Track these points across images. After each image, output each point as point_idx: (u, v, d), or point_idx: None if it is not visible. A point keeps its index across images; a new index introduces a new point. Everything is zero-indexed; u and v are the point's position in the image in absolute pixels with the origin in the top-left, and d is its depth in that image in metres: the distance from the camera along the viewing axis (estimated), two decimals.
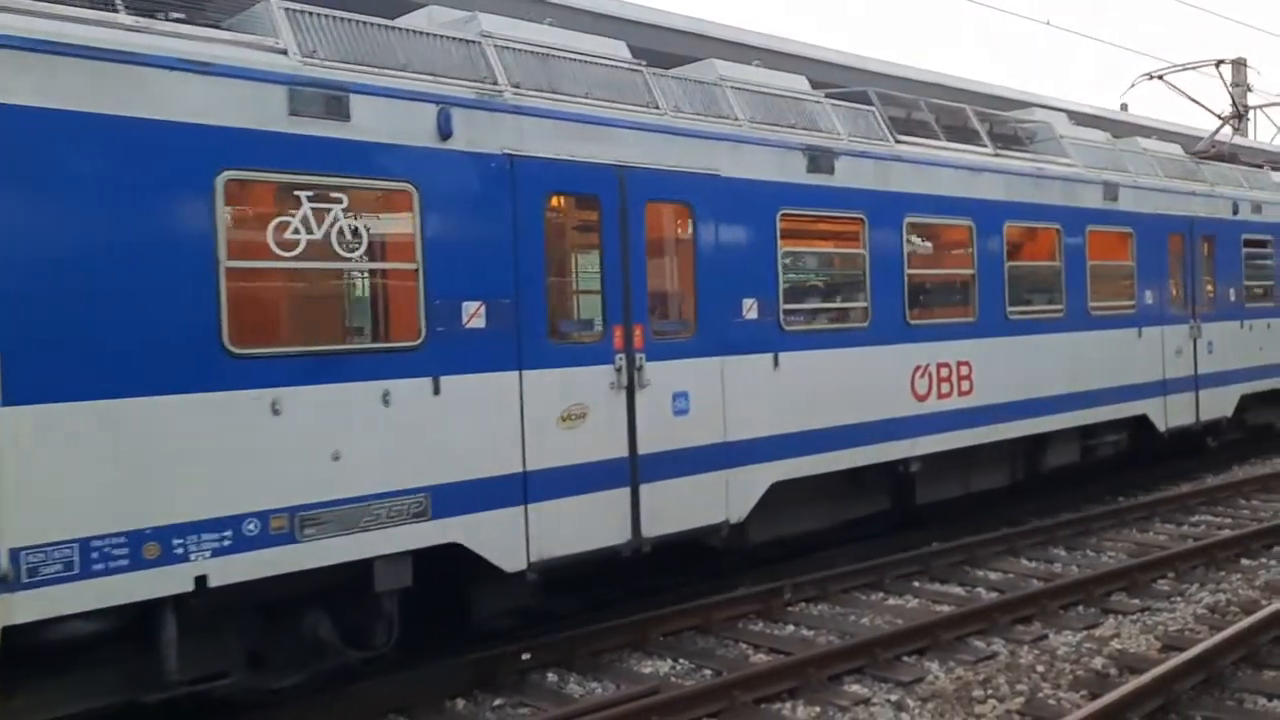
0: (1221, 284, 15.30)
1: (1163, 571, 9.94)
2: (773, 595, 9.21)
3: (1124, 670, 7.36)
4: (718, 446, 8.76)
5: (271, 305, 6.91)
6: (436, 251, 7.05)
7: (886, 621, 8.78)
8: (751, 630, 8.74)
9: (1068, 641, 8.14)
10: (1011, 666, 7.59)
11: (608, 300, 8.06)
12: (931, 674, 7.54)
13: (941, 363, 10.81)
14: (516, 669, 7.68)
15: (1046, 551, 11.16)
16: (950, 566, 10.41)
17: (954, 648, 8.06)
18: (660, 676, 7.75)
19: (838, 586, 9.65)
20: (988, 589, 9.77)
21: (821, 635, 8.56)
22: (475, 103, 7.32)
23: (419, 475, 6.93)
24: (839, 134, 10.01)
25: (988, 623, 8.50)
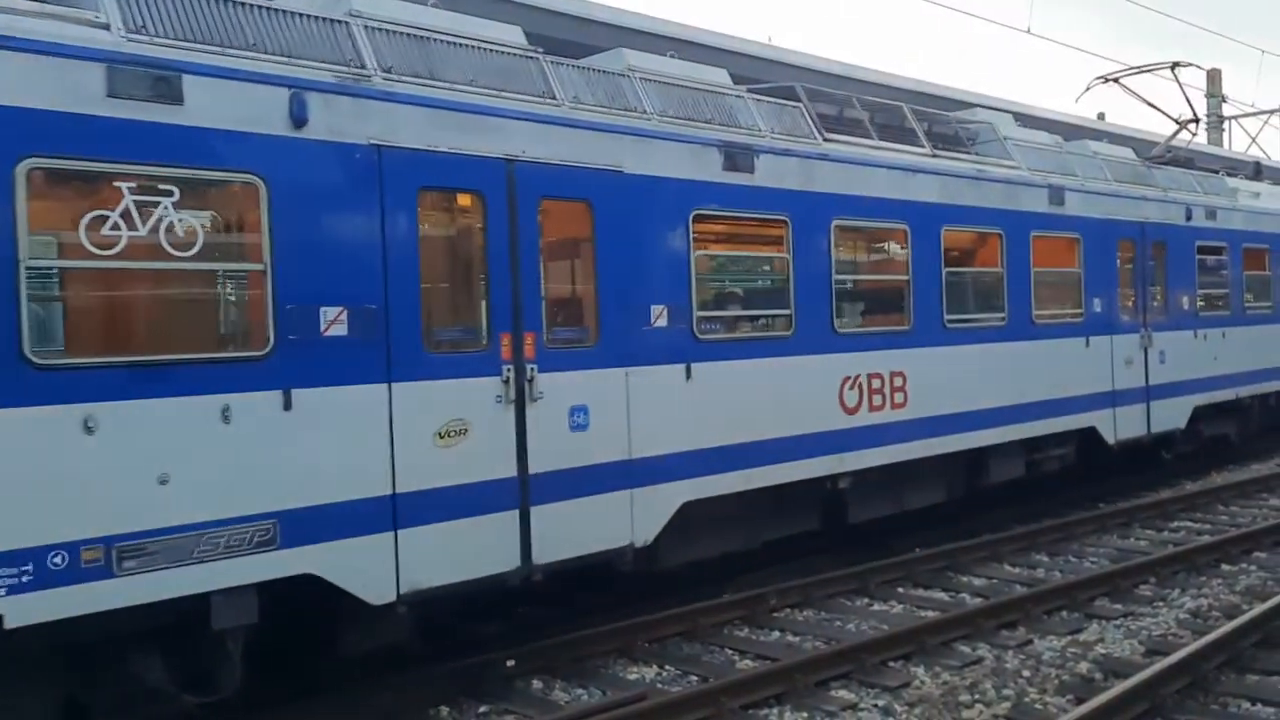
0: (1174, 292, 14.81)
1: (1144, 577, 9.99)
2: (758, 601, 9.18)
3: (1109, 675, 7.39)
4: (621, 464, 8.10)
5: (85, 311, 6.20)
6: (289, 251, 6.36)
7: (872, 627, 8.78)
8: (737, 636, 8.71)
9: (1052, 646, 8.13)
10: (997, 671, 7.60)
11: (494, 306, 7.38)
12: (918, 679, 7.52)
13: (873, 373, 10.21)
14: (502, 676, 7.61)
15: (1029, 557, 11.18)
16: (934, 572, 10.45)
17: (940, 653, 8.05)
18: (647, 683, 7.70)
19: (822, 592, 9.63)
20: (972, 594, 9.81)
21: (807, 641, 8.55)
22: (337, 88, 6.64)
23: (265, 500, 6.23)
24: (760, 130, 9.40)
25: (973, 628, 8.49)
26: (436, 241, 7.54)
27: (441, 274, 7.58)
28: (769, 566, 10.23)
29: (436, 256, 7.50)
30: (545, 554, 7.60)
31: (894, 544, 11.31)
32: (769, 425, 9.18)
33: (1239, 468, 16.73)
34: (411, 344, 6.92)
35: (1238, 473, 16.26)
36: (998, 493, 12.44)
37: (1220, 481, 15.35)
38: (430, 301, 7.25)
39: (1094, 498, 14.22)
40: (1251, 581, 9.87)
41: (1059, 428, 12.59)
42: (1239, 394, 16.12)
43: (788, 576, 9.92)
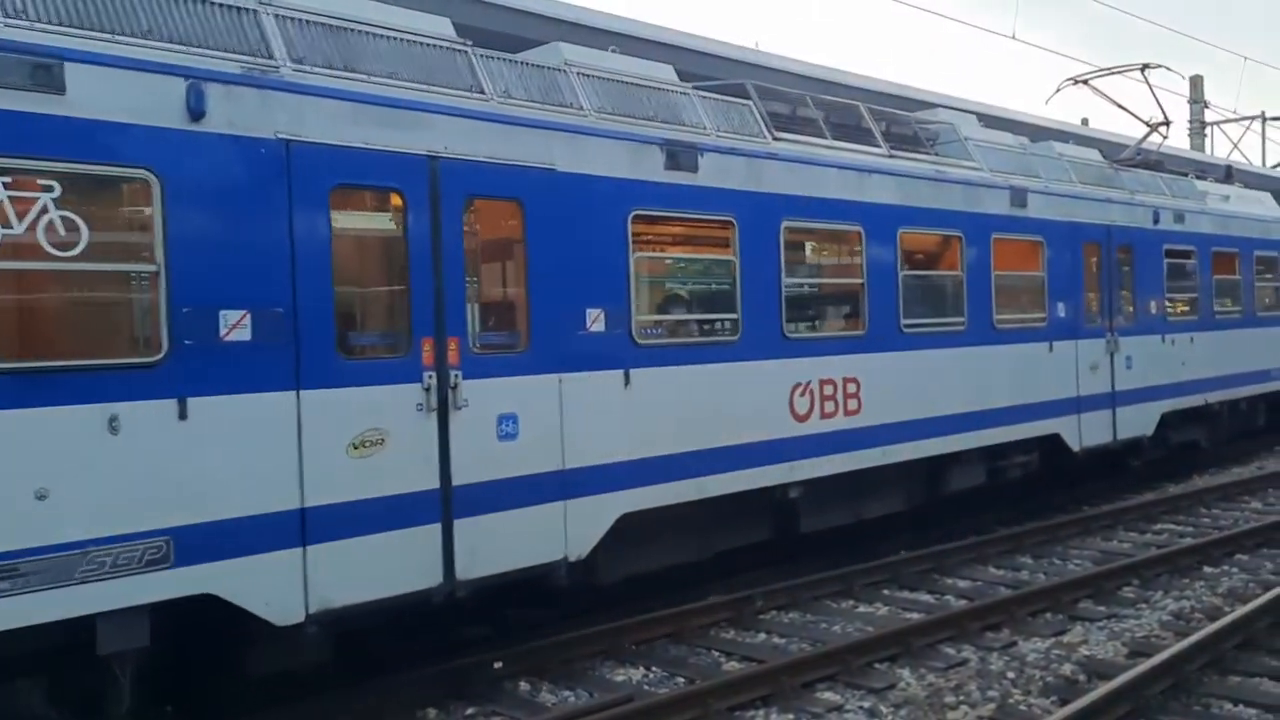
0: (1141, 296, 14.56)
1: (1128, 579, 10.03)
2: (744, 603, 9.18)
3: (1093, 676, 7.39)
4: (553, 475, 7.76)
5: None
6: (185, 251, 5.99)
7: (857, 629, 8.80)
8: (723, 638, 8.72)
9: (1037, 648, 8.14)
10: (982, 673, 7.61)
11: (415, 310, 7.02)
12: (903, 681, 7.52)
13: (825, 379, 9.89)
14: (489, 678, 7.58)
15: (1014, 559, 11.21)
16: (919, 574, 10.46)
17: (925, 655, 8.05)
18: (634, 684, 7.67)
19: (808, 594, 9.64)
20: (957, 596, 9.82)
21: (793, 643, 8.54)
22: (240, 79, 6.27)
23: (158, 516, 5.86)
24: (705, 128, 9.08)
25: (958, 630, 8.50)
26: (352, 242, 7.18)
27: (358, 276, 7.22)
28: (755, 569, 10.19)
29: (352, 258, 7.13)
30: (471, 569, 7.25)
31: (879, 546, 11.25)
32: (714, 433, 8.86)
33: (1220, 470, 16.70)
34: (323, 350, 6.55)
35: (1219, 475, 16.24)
36: (979, 497, 12.38)
37: (1202, 484, 15.35)
38: (345, 305, 6.90)
39: (1077, 500, 14.23)
40: (1234, 584, 9.88)
41: (1021, 435, 12.31)
42: (1208, 399, 15.91)
43: (774, 578, 9.90)
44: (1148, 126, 17.86)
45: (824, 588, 9.82)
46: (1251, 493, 14.77)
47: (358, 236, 7.26)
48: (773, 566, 10.30)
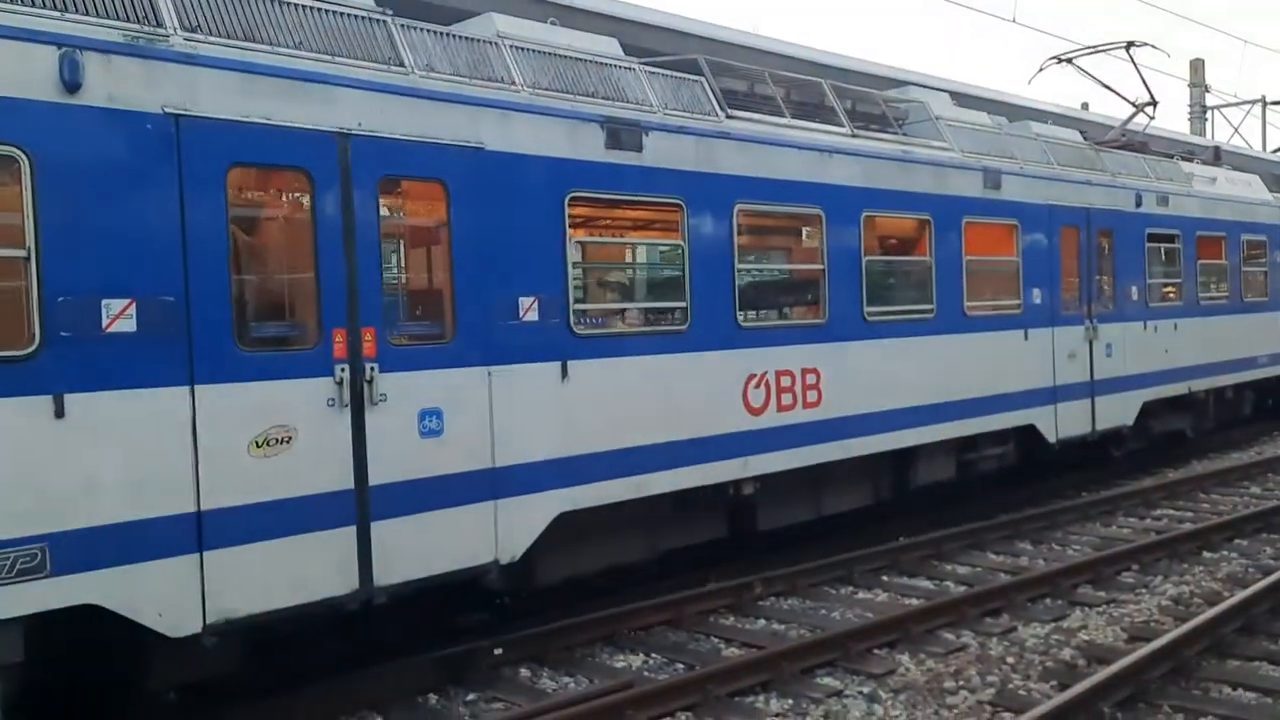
0: (1122, 281, 14.12)
1: (1127, 564, 10.03)
2: (743, 590, 9.13)
3: (1092, 661, 7.39)
4: (482, 474, 7.31)
5: None
6: (60, 236, 5.52)
7: (857, 615, 8.80)
8: (723, 624, 8.70)
9: (1036, 633, 8.15)
10: (982, 658, 7.61)
11: (325, 299, 6.56)
12: (903, 666, 7.52)
13: (782, 370, 9.44)
14: (489, 664, 7.56)
15: (1013, 545, 11.20)
16: (918, 560, 10.44)
17: (924, 640, 8.05)
18: (633, 671, 7.65)
19: (807, 581, 9.60)
20: (956, 582, 9.80)
21: (792, 629, 8.53)
22: (122, 48, 5.79)
23: (29, 522, 5.41)
24: (651, 106, 8.60)
25: (957, 615, 8.49)
26: (253, 225, 6.72)
27: (260, 262, 6.76)
28: (753, 555, 10.16)
29: (253, 242, 6.67)
30: (390, 574, 6.81)
31: (878, 532, 11.19)
32: (660, 428, 8.41)
33: (1220, 456, 16.61)
34: (219, 341, 6.09)
35: (1218, 461, 16.13)
36: (976, 483, 12.40)
37: (1201, 470, 15.25)
38: (245, 293, 6.44)
39: (1076, 486, 14.16)
40: (1233, 568, 9.86)
41: (994, 426, 11.88)
42: (1192, 388, 15.49)
43: (773, 565, 9.84)
44: (1133, 107, 17.41)
45: (823, 574, 9.79)
46: (1250, 478, 14.63)
47: (259, 219, 6.80)
48: (772, 553, 10.27)
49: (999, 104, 19.10)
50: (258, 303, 6.68)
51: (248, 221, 6.63)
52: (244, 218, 6.53)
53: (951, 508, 12.35)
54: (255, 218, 6.78)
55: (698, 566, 9.77)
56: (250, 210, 6.68)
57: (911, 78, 16.85)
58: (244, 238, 6.45)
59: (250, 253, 6.57)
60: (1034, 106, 21.43)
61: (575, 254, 7.96)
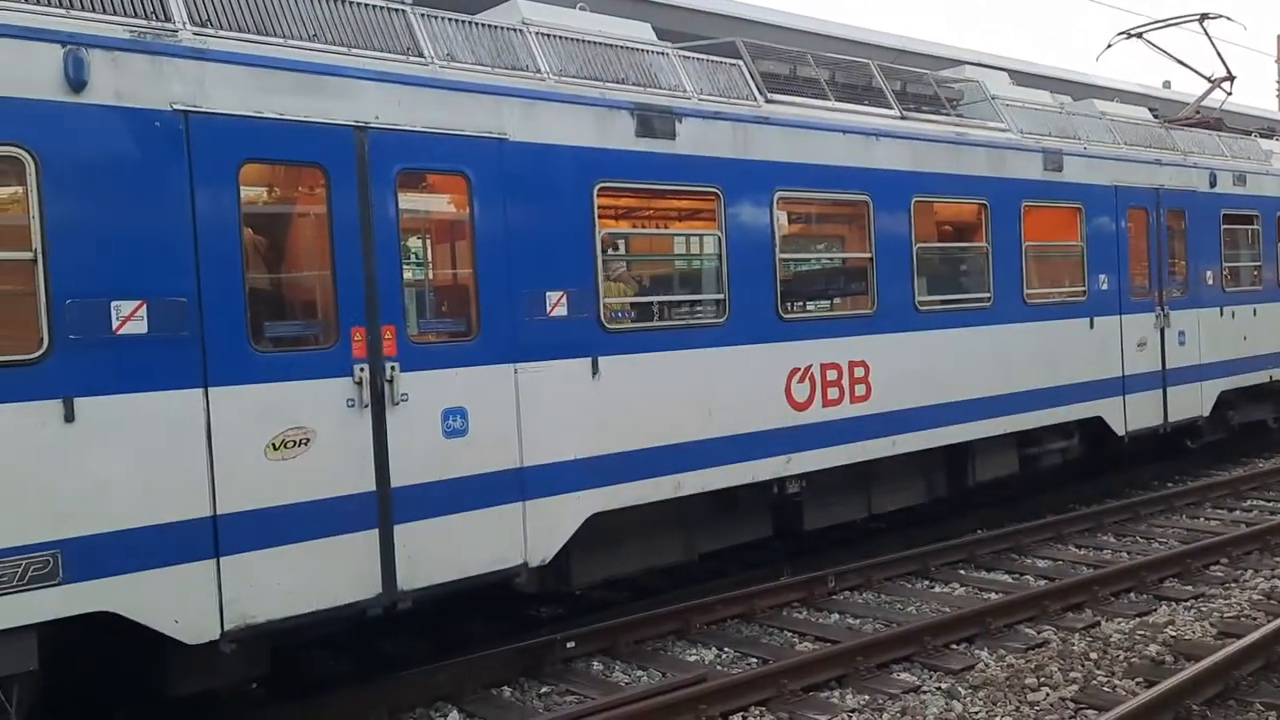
0: (1195, 265, 13.42)
1: (1216, 558, 9.77)
2: (816, 584, 9.07)
3: (1180, 657, 7.21)
4: (509, 474, 7.11)
5: None
6: (67, 237, 5.43)
7: (934, 610, 8.65)
8: (796, 618, 8.63)
9: (1120, 629, 7.97)
10: (1064, 654, 7.43)
11: (343, 296, 6.40)
12: (982, 662, 7.40)
13: (828, 364, 9.09)
14: (562, 657, 7.60)
15: (1095, 539, 11.01)
16: (996, 554, 10.29)
17: (1004, 635, 7.92)
18: (705, 664, 7.63)
19: (881, 575, 9.50)
20: (1036, 576, 9.60)
21: (867, 623, 8.43)
22: (129, 44, 5.67)
23: (41, 528, 5.34)
24: (685, 91, 8.30)
25: (1038, 610, 8.34)
26: (268, 222, 6.58)
27: (275, 260, 6.62)
28: (826, 550, 10.12)
29: (268, 240, 6.53)
30: (414, 579, 6.64)
31: (954, 526, 11.10)
32: (697, 425, 8.13)
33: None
34: (233, 342, 5.97)
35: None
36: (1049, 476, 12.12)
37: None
38: (259, 293, 6.30)
39: (1159, 478, 13.89)
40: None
41: (1058, 418, 11.37)
42: (1273, 376, 14.69)
43: (846, 559, 9.74)
44: (1208, 82, 16.58)
45: (898, 568, 9.68)
46: None
47: (274, 216, 6.66)
48: (844, 547, 10.25)
49: (1063, 82, 18.35)
50: (273, 302, 6.55)
51: (262, 219, 6.50)
52: (257, 215, 6.40)
53: (1026, 501, 12.10)
54: (269, 215, 6.65)
55: (770, 560, 9.69)
56: (264, 207, 6.55)
57: (969, 57, 16.27)
58: (258, 236, 6.32)
59: (264, 251, 6.44)
60: (1101, 84, 20.58)
61: (605, 246, 7.70)
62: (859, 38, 16.38)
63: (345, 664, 7.72)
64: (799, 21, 15.79)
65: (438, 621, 7.98)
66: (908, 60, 13.19)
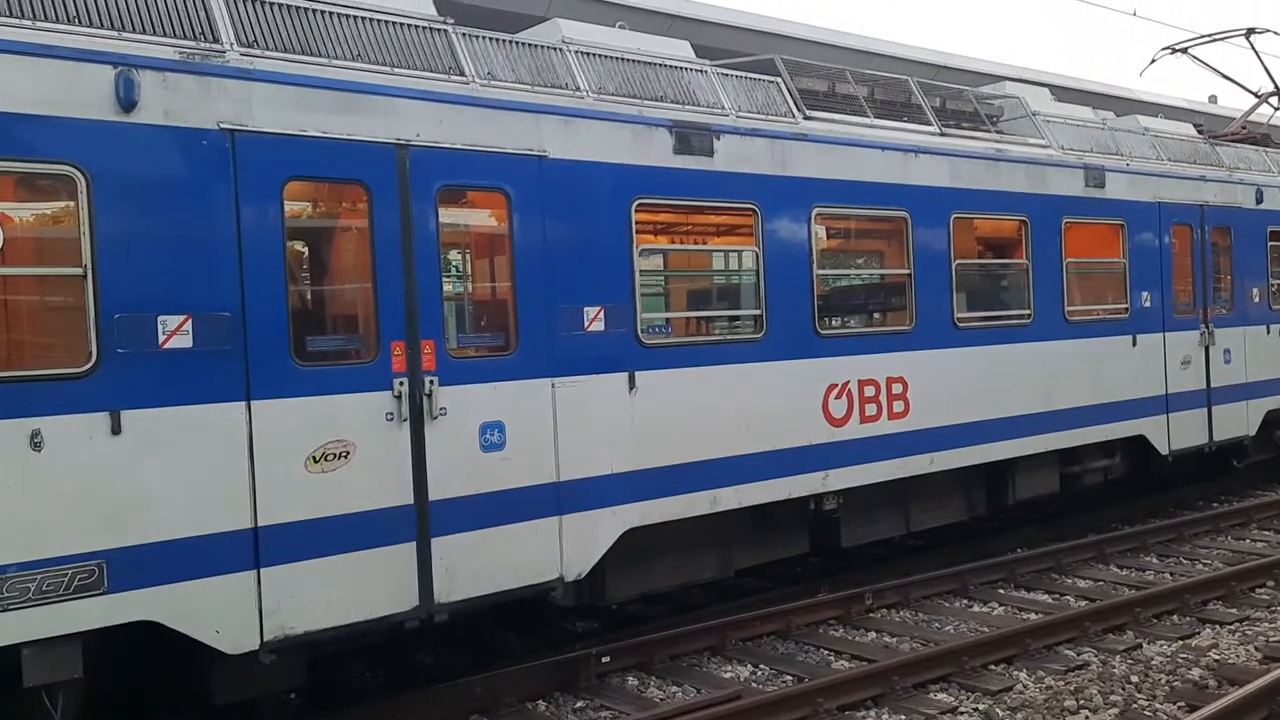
0: (1241, 282, 13.21)
1: (1261, 580, 9.59)
2: (853, 601, 9.03)
3: (1223, 681, 7.11)
4: (546, 488, 7.15)
5: None
6: (116, 253, 5.56)
7: (971, 629, 8.62)
8: (832, 636, 8.59)
9: (1163, 651, 7.87)
10: (1104, 676, 7.34)
11: (383, 311, 6.48)
12: (1020, 683, 7.32)
13: (866, 380, 9.05)
14: (597, 672, 7.58)
15: (1137, 559, 10.86)
16: (1036, 574, 10.19)
17: (1043, 656, 7.84)
18: (741, 681, 7.61)
19: (919, 593, 9.44)
20: (1076, 597, 9.51)
21: (904, 642, 8.37)
22: (178, 65, 5.81)
23: (88, 538, 5.45)
24: (723, 109, 8.33)
25: (1078, 631, 8.25)
26: (310, 238, 6.69)
27: (317, 276, 6.74)
28: (864, 568, 10.06)
29: (310, 256, 6.66)
30: (450, 591, 6.69)
31: (994, 544, 11.01)
32: (734, 441, 8.13)
33: None
34: (276, 356, 6.06)
35: None
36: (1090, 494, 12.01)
37: None
38: (302, 307, 6.41)
39: (1205, 497, 13.64)
40: None
41: (1100, 437, 11.22)
42: None
43: (884, 576, 9.68)
44: (1255, 97, 16.36)
45: (936, 586, 9.60)
46: None
47: (317, 232, 6.76)
48: (882, 564, 10.17)
49: (1106, 98, 18.18)
50: (315, 317, 6.65)
51: (305, 235, 6.61)
52: (301, 231, 6.51)
53: (1067, 519, 11.97)
54: (312, 231, 6.76)
55: (807, 577, 9.66)
56: (307, 224, 6.65)
57: (1010, 73, 16.18)
58: (301, 251, 6.43)
59: (307, 266, 6.55)
60: (1144, 100, 20.37)
61: (643, 262, 7.73)
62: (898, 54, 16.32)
63: (381, 675, 7.79)
64: (838, 38, 15.80)
65: (473, 634, 8.03)
66: (947, 76, 13.15)
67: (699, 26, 13.27)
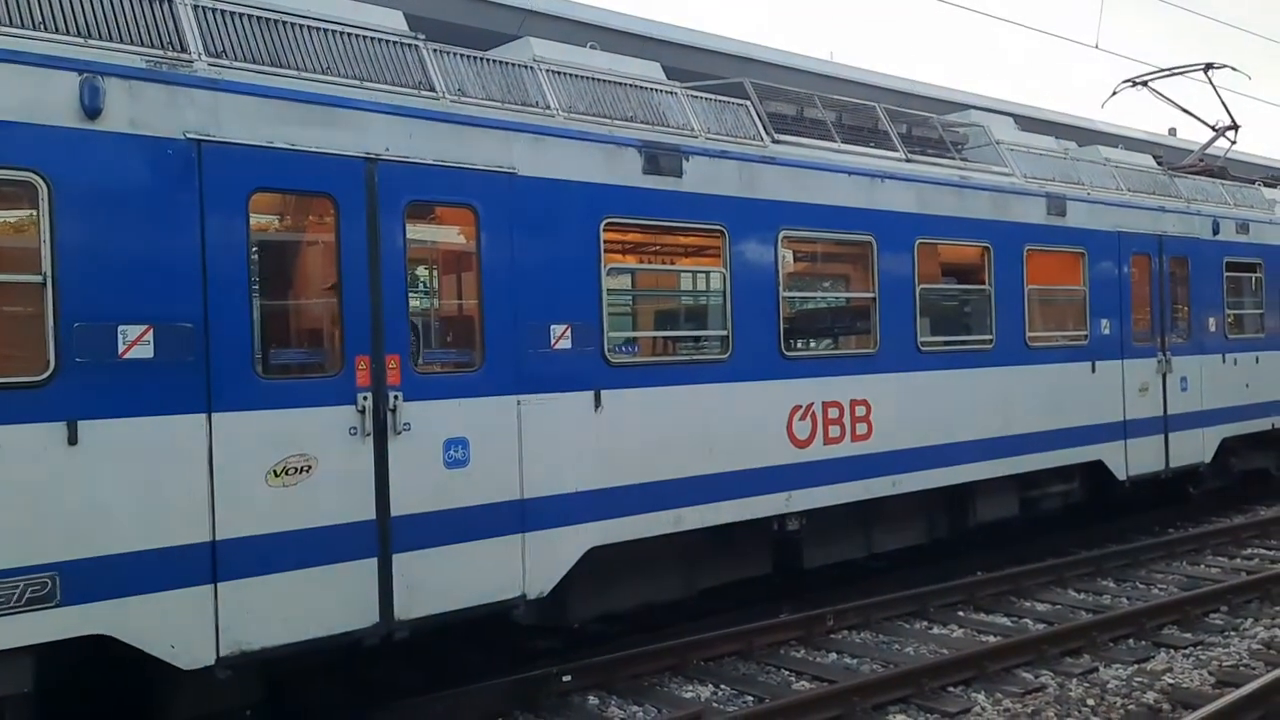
0: (1198, 312, 13.46)
1: (1215, 605, 9.72)
2: (814, 622, 9.07)
3: (1177, 706, 7.18)
4: (510, 505, 7.12)
5: None
6: (77, 261, 5.49)
7: (931, 651, 8.67)
8: (793, 657, 8.61)
9: (1118, 675, 7.94)
10: (1061, 699, 7.38)
11: (348, 325, 6.44)
12: (978, 705, 7.37)
13: (829, 402, 9.11)
14: (557, 690, 7.58)
15: (1095, 583, 10.97)
16: (995, 597, 10.26)
17: (1001, 679, 7.91)
18: (702, 701, 7.60)
19: (880, 614, 9.50)
20: (1035, 620, 9.59)
21: (865, 663, 8.42)
22: (144, 74, 5.77)
23: (42, 549, 5.36)
24: (693, 130, 8.39)
25: (1036, 654, 8.32)
26: (276, 251, 6.65)
27: (282, 289, 6.69)
28: (824, 589, 10.08)
29: (276, 268, 6.61)
30: (411, 608, 6.64)
31: (954, 567, 11.04)
32: (698, 460, 8.14)
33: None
34: (238, 368, 6.01)
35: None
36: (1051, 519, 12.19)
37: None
38: (266, 320, 6.35)
39: (1160, 523, 13.79)
40: None
41: (1058, 461, 11.36)
42: (1276, 424, 14.68)
43: (845, 598, 9.72)
44: (1213, 131, 16.71)
45: (897, 608, 9.65)
46: None
47: (283, 245, 6.73)
48: (845, 585, 10.17)
49: (1068, 128, 18.51)
50: (279, 329, 6.61)
51: (270, 247, 6.57)
52: (266, 243, 6.47)
53: (1026, 543, 12.08)
54: (278, 243, 6.72)
55: (769, 598, 9.66)
56: (273, 236, 6.61)
57: (975, 102, 16.43)
58: (266, 263, 6.38)
59: (272, 279, 6.50)
60: (1105, 130, 20.75)
61: (611, 281, 7.75)
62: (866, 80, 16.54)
63: (341, 692, 7.69)
64: (807, 63, 15.98)
65: (434, 651, 7.95)
66: (914, 103, 13.32)
67: (670, 48, 13.37)
